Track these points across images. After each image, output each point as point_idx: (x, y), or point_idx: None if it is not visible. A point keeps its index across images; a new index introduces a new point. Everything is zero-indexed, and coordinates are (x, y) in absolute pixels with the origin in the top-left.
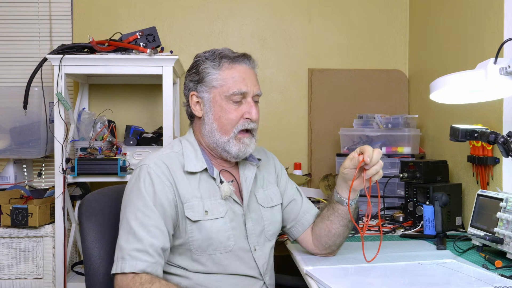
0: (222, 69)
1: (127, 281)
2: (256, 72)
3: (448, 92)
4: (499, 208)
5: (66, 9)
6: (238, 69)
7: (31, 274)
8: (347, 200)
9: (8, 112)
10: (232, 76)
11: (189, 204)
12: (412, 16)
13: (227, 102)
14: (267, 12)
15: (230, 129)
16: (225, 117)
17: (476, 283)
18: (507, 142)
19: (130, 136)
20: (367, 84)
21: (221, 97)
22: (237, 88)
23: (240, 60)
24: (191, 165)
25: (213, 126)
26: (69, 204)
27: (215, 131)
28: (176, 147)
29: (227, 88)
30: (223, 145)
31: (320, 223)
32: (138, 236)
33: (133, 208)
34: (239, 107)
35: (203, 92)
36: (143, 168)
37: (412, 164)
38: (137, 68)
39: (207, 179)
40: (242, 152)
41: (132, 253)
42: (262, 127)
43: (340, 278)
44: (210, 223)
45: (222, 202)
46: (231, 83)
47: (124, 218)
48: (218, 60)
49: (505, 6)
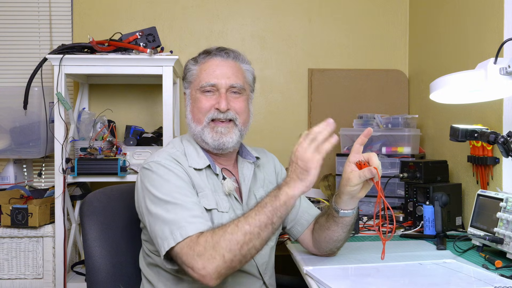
0: (198, 64)
1: (194, 241)
2: (241, 65)
3: (448, 92)
4: (499, 208)
5: (66, 9)
6: (211, 63)
7: (31, 274)
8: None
9: (8, 112)
10: (204, 69)
11: (204, 193)
12: (412, 16)
13: (200, 94)
14: (267, 12)
15: (201, 117)
16: (196, 107)
17: (476, 283)
18: (507, 142)
19: (130, 136)
20: (367, 84)
21: (195, 90)
22: (206, 81)
23: (214, 54)
24: (195, 162)
25: (189, 117)
26: (69, 204)
27: (191, 122)
28: (178, 146)
29: (199, 81)
30: (199, 134)
31: (320, 231)
32: (186, 206)
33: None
34: (211, 97)
35: (186, 88)
36: (153, 164)
37: (412, 164)
38: (137, 68)
39: (211, 175)
40: (216, 141)
41: (188, 219)
42: (262, 127)
43: (340, 278)
44: (220, 215)
45: (225, 199)
46: (203, 75)
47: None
48: (197, 56)
49: (505, 6)
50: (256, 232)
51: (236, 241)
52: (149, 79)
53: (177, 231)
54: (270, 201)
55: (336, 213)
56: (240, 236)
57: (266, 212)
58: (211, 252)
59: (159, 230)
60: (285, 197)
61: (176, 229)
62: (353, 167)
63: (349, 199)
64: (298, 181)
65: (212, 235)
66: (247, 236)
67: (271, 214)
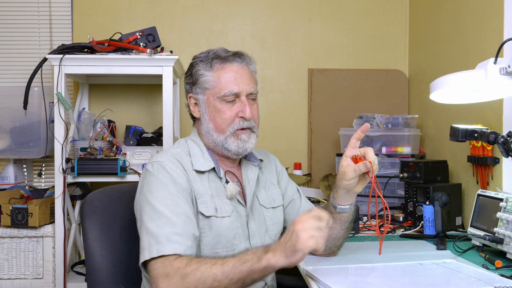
0: (214, 70)
1: (168, 261)
2: (252, 69)
3: (448, 92)
4: (499, 208)
5: (66, 9)
6: (229, 69)
7: (31, 274)
8: (348, 206)
9: (8, 112)
10: (223, 76)
11: (202, 200)
12: (412, 16)
13: (221, 103)
14: (267, 12)
15: (225, 128)
16: (219, 117)
17: (476, 283)
18: (507, 142)
19: (130, 136)
20: (367, 84)
21: (214, 98)
22: (229, 90)
23: (231, 60)
24: (199, 164)
25: (209, 126)
26: (69, 204)
27: (212, 131)
28: (183, 146)
29: (219, 89)
30: (221, 143)
31: None
32: (171, 221)
33: (158, 197)
34: (233, 106)
35: (198, 94)
36: (155, 164)
37: (412, 164)
38: (137, 68)
39: (214, 178)
40: (241, 148)
41: (169, 236)
42: (262, 127)
43: (340, 278)
44: (219, 221)
45: (228, 202)
46: (222, 84)
47: (149, 207)
48: (210, 61)
49: (505, 6)
50: (224, 283)
51: (204, 282)
52: (149, 79)
53: (154, 246)
54: (252, 259)
55: (334, 209)
56: (209, 279)
57: (243, 269)
58: (178, 280)
59: (142, 238)
60: (265, 263)
61: (155, 243)
62: (349, 161)
63: (346, 194)
64: (284, 255)
65: (186, 265)
66: (215, 283)
67: (247, 273)
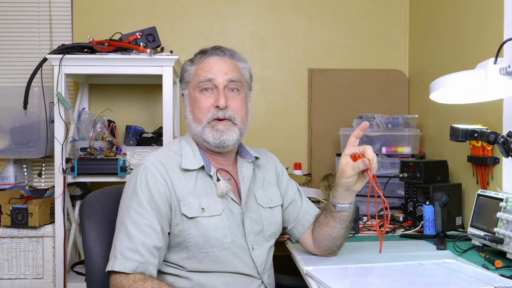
0: (195, 64)
1: (120, 279)
2: (235, 62)
3: (448, 92)
4: (499, 208)
5: (66, 9)
6: (208, 61)
7: (31, 274)
8: (347, 204)
9: (8, 112)
10: (201, 67)
11: (185, 202)
12: (412, 16)
13: (199, 93)
14: (267, 12)
15: (202, 117)
16: (196, 107)
17: (476, 283)
18: (507, 142)
19: (130, 136)
20: (367, 84)
21: (193, 89)
22: (203, 76)
23: (211, 53)
24: (189, 163)
25: (189, 118)
26: (69, 204)
27: (191, 122)
28: (175, 147)
29: (196, 78)
30: (200, 134)
31: (319, 229)
32: (130, 235)
33: (127, 207)
34: (210, 96)
35: (184, 89)
36: (140, 167)
37: (412, 164)
38: (137, 68)
39: (204, 177)
40: (217, 139)
41: (123, 251)
42: (262, 127)
43: (340, 278)
44: (206, 220)
45: (219, 200)
46: (199, 73)
47: (119, 217)
48: (194, 57)
49: (505, 6)
50: None
51: None
52: (149, 79)
53: (111, 260)
54: None
55: (333, 208)
56: None
57: None
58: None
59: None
60: None
61: (112, 256)
62: (348, 159)
63: (345, 192)
64: None
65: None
66: None
67: None
